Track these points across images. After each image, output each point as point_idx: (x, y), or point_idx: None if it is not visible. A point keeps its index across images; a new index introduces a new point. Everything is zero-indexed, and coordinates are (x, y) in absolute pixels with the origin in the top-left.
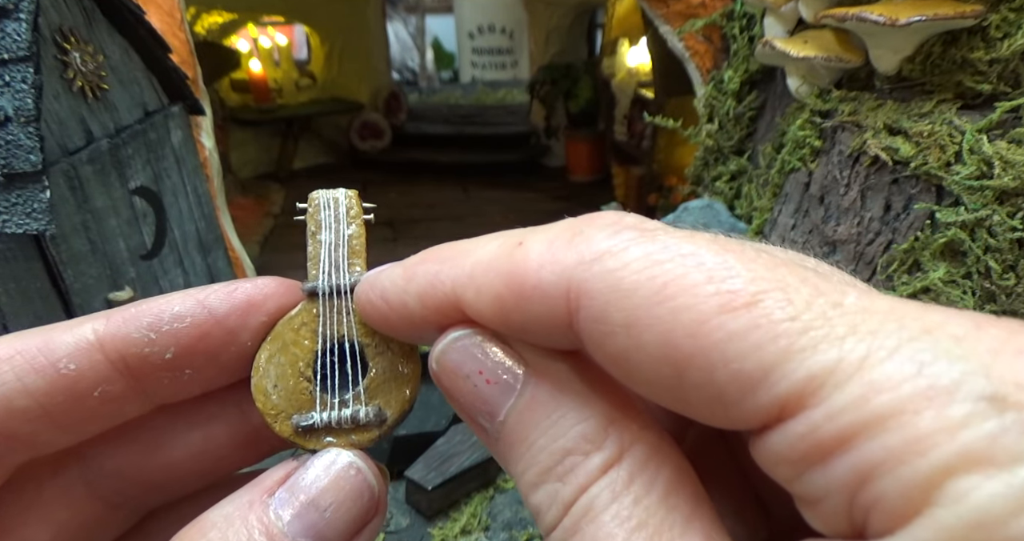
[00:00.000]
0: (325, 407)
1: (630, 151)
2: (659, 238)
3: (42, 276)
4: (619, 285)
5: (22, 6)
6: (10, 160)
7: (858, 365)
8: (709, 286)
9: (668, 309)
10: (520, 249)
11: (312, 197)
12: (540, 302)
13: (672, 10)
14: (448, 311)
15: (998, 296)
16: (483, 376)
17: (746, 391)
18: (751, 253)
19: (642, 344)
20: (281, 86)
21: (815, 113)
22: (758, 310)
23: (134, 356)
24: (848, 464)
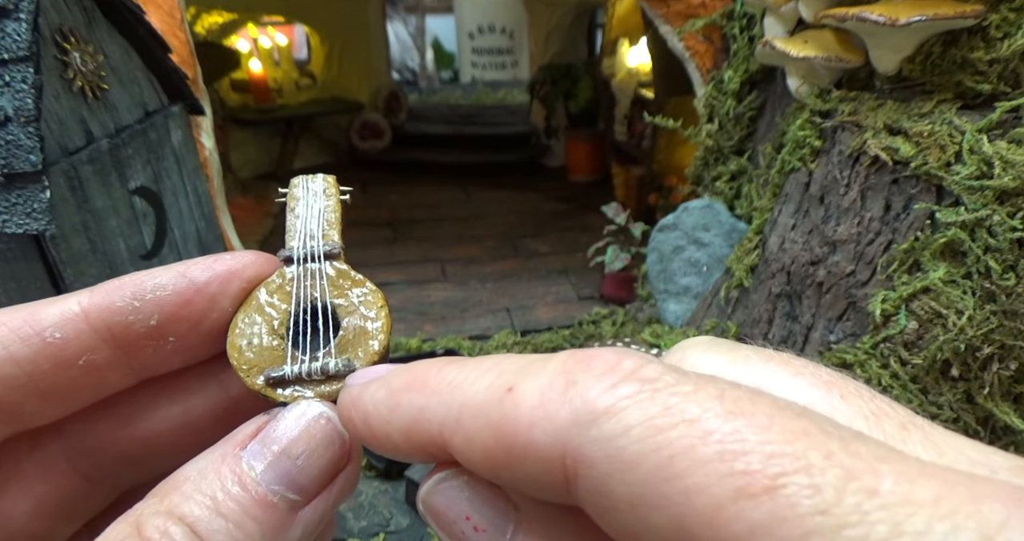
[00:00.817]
0: (296, 361)
1: (630, 151)
2: (660, 396)
3: (42, 276)
4: (620, 456)
5: (22, 6)
6: (10, 160)
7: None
8: (722, 465)
9: (678, 490)
10: (510, 398)
11: (292, 180)
12: (534, 463)
13: (672, 10)
14: (435, 451)
15: (998, 296)
16: (470, 522)
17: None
18: (764, 417)
19: (651, 526)
20: (281, 86)
21: (815, 113)
22: (781, 499)
23: (118, 324)
24: None
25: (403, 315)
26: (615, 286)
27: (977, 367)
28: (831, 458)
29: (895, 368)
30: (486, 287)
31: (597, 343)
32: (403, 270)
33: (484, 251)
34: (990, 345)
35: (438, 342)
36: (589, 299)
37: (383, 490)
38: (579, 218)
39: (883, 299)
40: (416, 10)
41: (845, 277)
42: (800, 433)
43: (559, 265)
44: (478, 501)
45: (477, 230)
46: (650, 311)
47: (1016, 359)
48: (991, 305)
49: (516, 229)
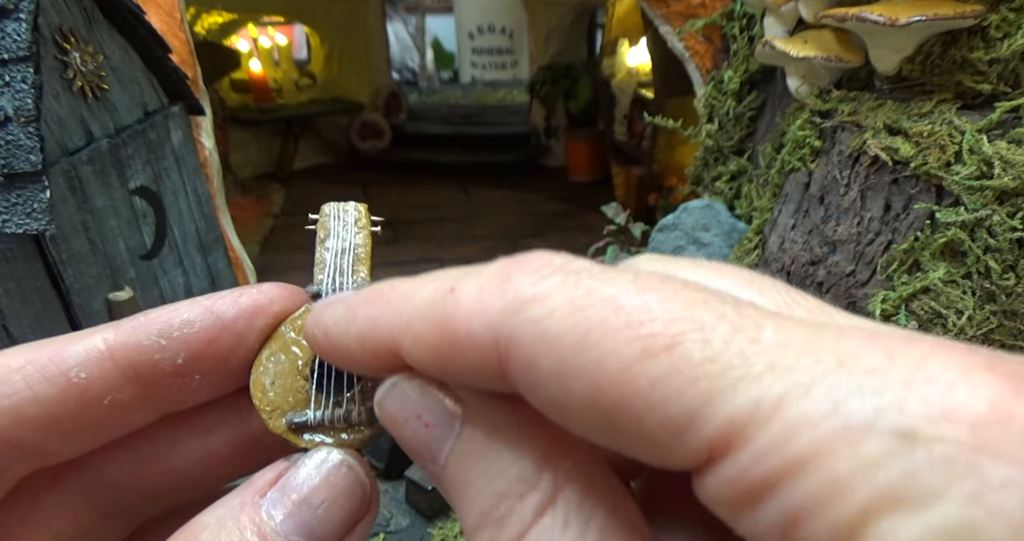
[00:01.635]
0: (319, 406)
1: (630, 151)
2: (583, 282)
3: (42, 276)
4: (544, 334)
5: (22, 6)
6: (10, 160)
7: (776, 404)
8: (628, 331)
9: (592, 358)
10: (452, 296)
11: (324, 208)
12: (472, 352)
13: (672, 10)
14: (388, 357)
15: (998, 296)
16: (421, 420)
17: (675, 436)
18: (670, 292)
19: (572, 392)
20: (281, 86)
21: (815, 113)
22: (677, 353)
23: (144, 363)
24: (776, 509)
25: None
26: None
27: None
28: (723, 318)
29: None
30: None
31: None
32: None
33: (484, 251)
34: (990, 345)
35: None
36: None
37: (383, 490)
38: (579, 218)
39: (883, 299)
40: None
41: (845, 277)
42: (700, 301)
43: None
44: (427, 400)
45: (477, 230)
46: None
47: None
48: (991, 305)
49: (516, 229)
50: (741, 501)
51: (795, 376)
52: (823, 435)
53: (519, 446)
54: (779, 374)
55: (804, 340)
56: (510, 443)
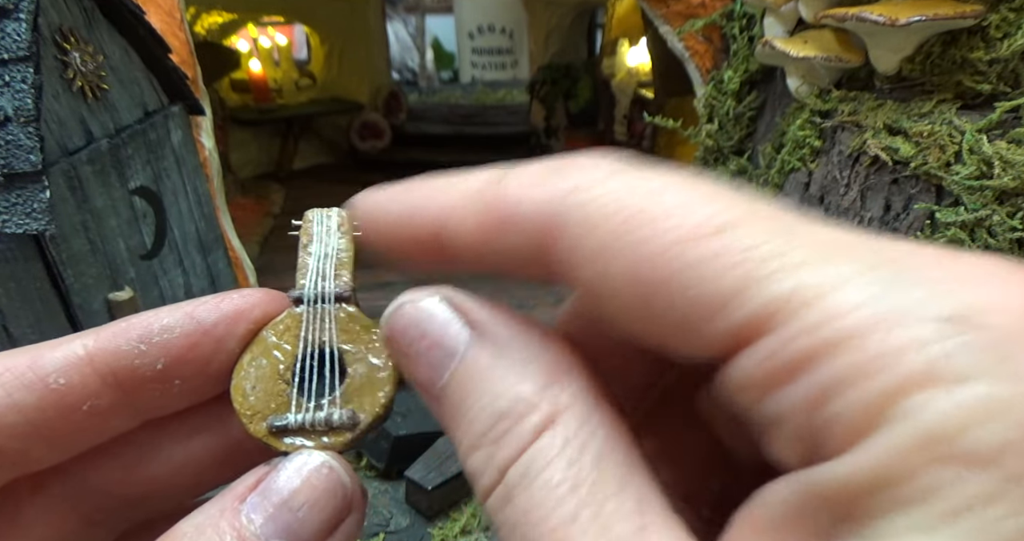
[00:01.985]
0: (300, 409)
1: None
2: (631, 173)
3: (42, 276)
4: (589, 218)
5: (22, 6)
6: (10, 160)
7: (816, 292)
8: (669, 219)
9: (632, 240)
10: (502, 182)
11: (307, 214)
12: (518, 231)
13: (672, 10)
14: (427, 239)
15: None
16: (427, 340)
17: (707, 318)
18: (715, 190)
19: (610, 274)
20: (281, 86)
21: (815, 113)
22: (718, 240)
23: (124, 368)
24: (807, 384)
25: None
26: None
27: None
28: (769, 217)
29: None
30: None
31: None
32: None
33: None
34: None
35: None
36: None
37: (383, 490)
38: None
39: None
40: (416, 10)
41: None
42: (745, 201)
43: None
44: (435, 319)
45: None
46: None
47: None
48: None
49: None
50: (769, 381)
51: (837, 268)
52: (865, 317)
53: (523, 368)
54: (819, 266)
55: (852, 240)
56: (514, 364)
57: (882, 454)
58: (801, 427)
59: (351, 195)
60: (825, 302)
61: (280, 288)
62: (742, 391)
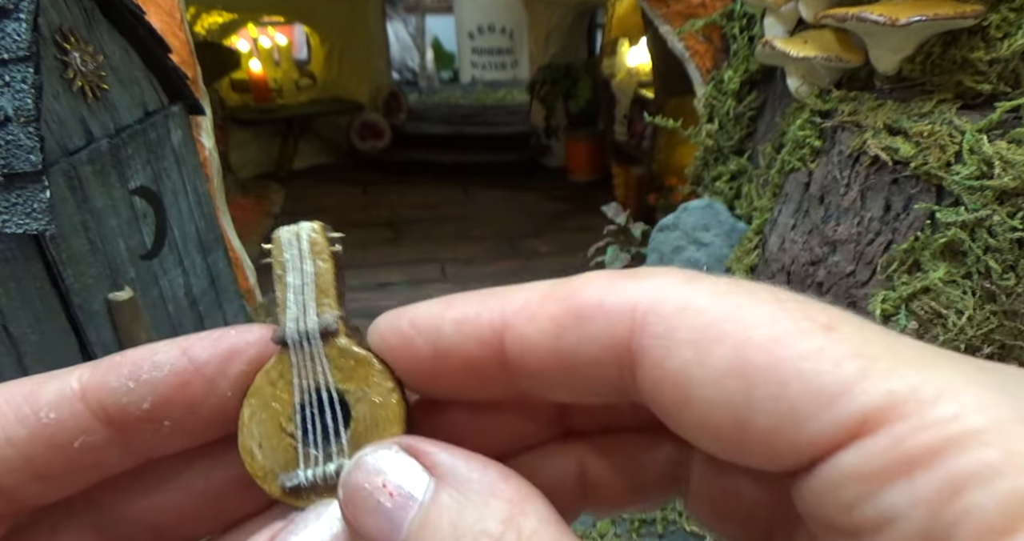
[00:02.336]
0: (309, 463)
1: (630, 151)
2: (713, 278)
3: (42, 276)
4: (690, 303)
5: (22, 6)
6: (10, 160)
7: (943, 389)
8: (783, 313)
9: (741, 326)
10: (572, 283)
11: (275, 236)
12: (601, 321)
13: (672, 10)
14: (488, 341)
15: (998, 296)
16: (386, 489)
17: (823, 405)
18: (800, 297)
19: (708, 359)
20: (281, 86)
21: (815, 113)
22: (835, 334)
23: (113, 405)
24: (937, 476)
25: None
26: None
27: None
28: (868, 325)
29: None
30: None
31: None
32: (403, 270)
33: (484, 251)
34: (990, 345)
35: None
36: None
37: None
38: (579, 218)
39: (883, 299)
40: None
41: (845, 277)
42: (828, 308)
43: (559, 265)
44: (398, 466)
45: (477, 230)
46: None
47: (1016, 359)
48: (991, 305)
49: (516, 229)
50: (889, 473)
51: (950, 373)
52: (1000, 416)
53: (486, 503)
54: (933, 368)
55: (941, 352)
56: (477, 502)
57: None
58: (922, 521)
59: (351, 195)
60: (958, 396)
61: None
62: (850, 485)
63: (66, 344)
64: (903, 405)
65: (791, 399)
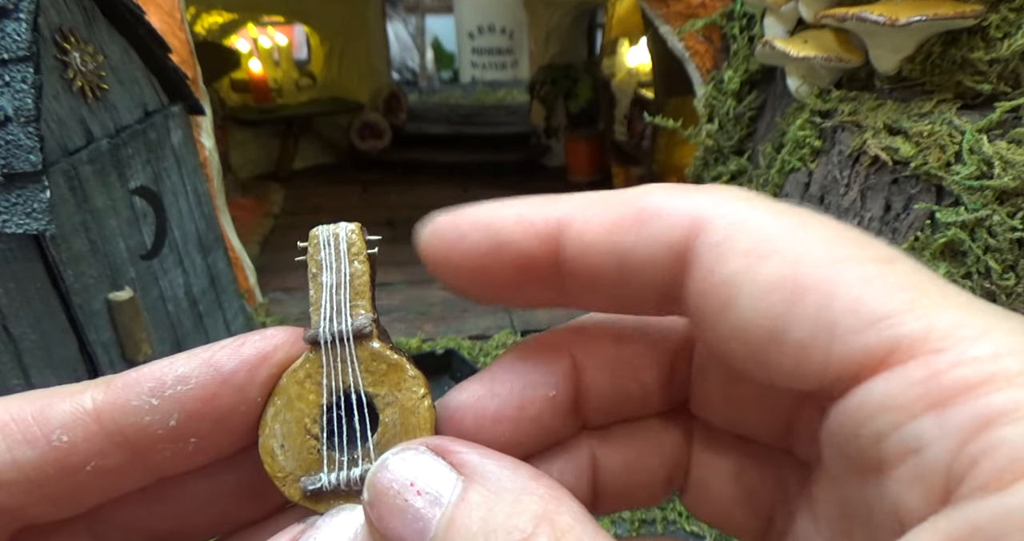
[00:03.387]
0: (333, 467)
1: (630, 151)
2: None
3: (42, 276)
4: (750, 216)
5: (22, 6)
6: (10, 160)
7: (983, 331)
8: (842, 240)
9: (797, 244)
10: (640, 188)
11: (312, 234)
12: (661, 223)
13: (672, 10)
14: (547, 236)
15: (998, 296)
16: (414, 488)
17: (863, 326)
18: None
19: (760, 270)
20: (281, 86)
21: (815, 113)
22: (889, 267)
23: (132, 426)
24: (969, 410)
25: (403, 315)
26: None
27: None
28: (921, 267)
29: None
30: None
31: None
32: (403, 270)
33: None
34: None
35: (438, 342)
36: None
37: None
38: None
39: None
40: (416, 10)
41: None
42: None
43: None
44: (426, 465)
45: None
46: None
47: None
48: None
49: None
50: (922, 404)
51: (993, 318)
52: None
53: (517, 500)
54: (977, 311)
55: (985, 304)
56: (508, 498)
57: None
58: (948, 454)
59: (351, 195)
60: (987, 341)
61: (280, 288)
62: (881, 412)
63: (66, 344)
64: (942, 339)
65: (832, 316)
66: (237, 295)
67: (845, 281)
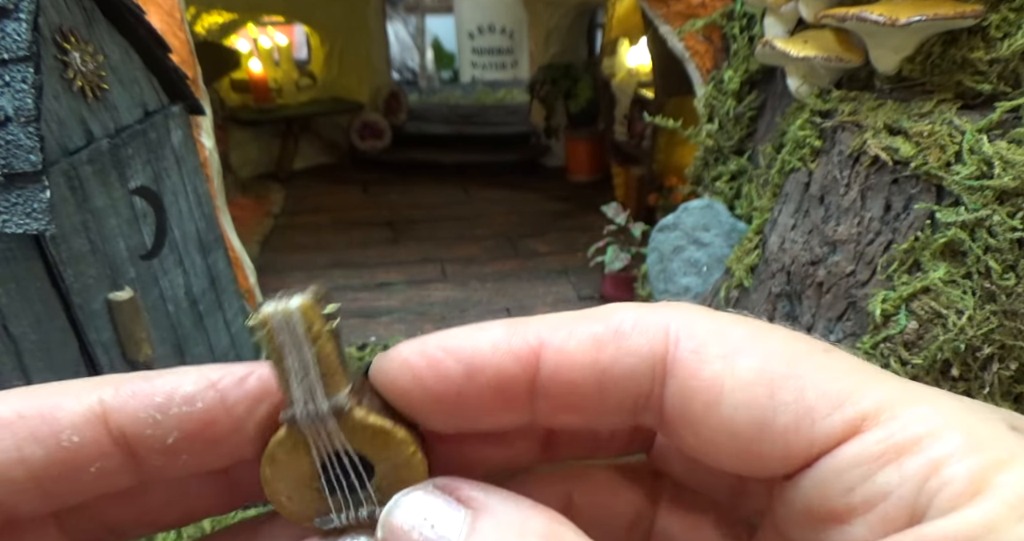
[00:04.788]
0: (341, 508)
1: (630, 151)
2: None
3: (42, 276)
4: (718, 325)
5: (22, 6)
6: (10, 160)
7: (914, 400)
8: (793, 338)
9: (762, 345)
10: (607, 307)
11: (263, 318)
12: (639, 337)
13: (672, 10)
14: (524, 357)
15: (998, 296)
16: (428, 521)
17: (834, 407)
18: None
19: (738, 369)
20: (281, 86)
21: (815, 113)
22: (834, 355)
23: (135, 436)
24: (921, 459)
25: (403, 315)
26: (615, 286)
27: (977, 367)
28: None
29: (895, 368)
30: (486, 287)
31: None
32: (403, 270)
33: (484, 251)
34: (990, 345)
35: None
36: (589, 299)
37: None
38: (579, 218)
39: (883, 299)
40: (416, 10)
41: (845, 277)
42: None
43: (559, 265)
44: (437, 501)
45: (477, 230)
46: None
47: (1016, 359)
48: (991, 305)
49: (516, 229)
50: (886, 457)
51: (917, 390)
52: (969, 423)
53: (523, 525)
54: (903, 385)
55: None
56: (515, 524)
57: (990, 511)
58: (911, 494)
59: (351, 195)
60: (924, 405)
61: (281, 287)
62: (853, 470)
63: (66, 344)
64: (889, 410)
65: (808, 402)
66: (237, 295)
67: (807, 371)
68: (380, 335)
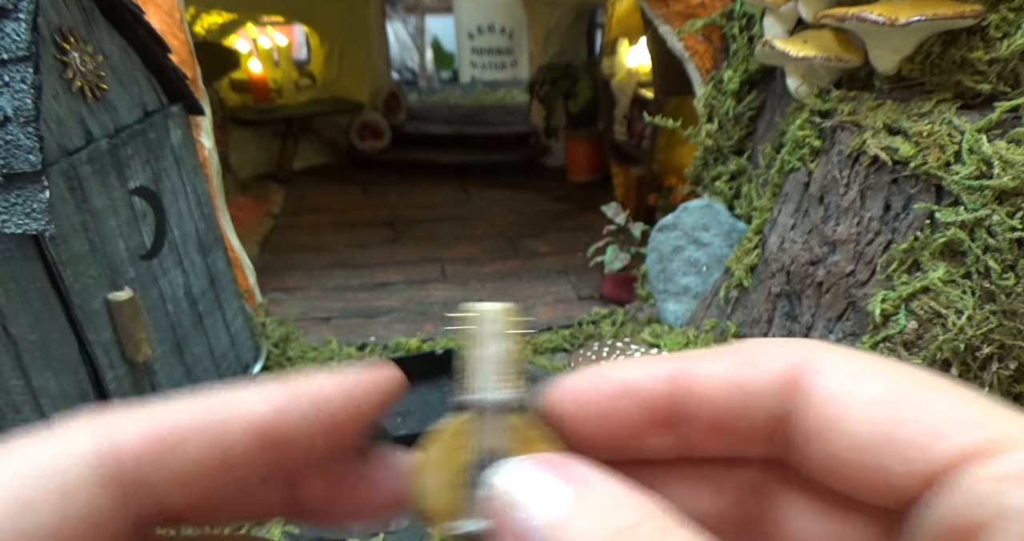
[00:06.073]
0: (475, 514)
1: (630, 151)
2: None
3: (41, 276)
4: (842, 356)
5: (21, 6)
6: (10, 160)
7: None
8: (913, 371)
9: (884, 373)
10: (743, 342)
11: (475, 311)
12: (771, 361)
13: (672, 10)
14: (675, 379)
15: (997, 296)
16: (530, 493)
17: (962, 429)
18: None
19: (863, 390)
20: (281, 86)
21: (815, 113)
22: (955, 389)
23: (278, 453)
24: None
25: (403, 315)
26: (615, 286)
27: (977, 367)
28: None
29: None
30: (486, 287)
31: (597, 343)
32: (403, 270)
33: (484, 251)
34: (989, 345)
35: (438, 342)
36: (589, 299)
37: None
38: (579, 218)
39: (883, 299)
40: (416, 10)
41: (845, 277)
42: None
43: (559, 265)
44: (540, 473)
45: (477, 230)
46: (650, 311)
47: (1015, 359)
48: (990, 305)
49: (516, 229)
50: (1010, 482)
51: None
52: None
53: (621, 502)
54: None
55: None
56: (613, 500)
57: None
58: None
59: (351, 195)
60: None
61: (280, 288)
62: (988, 485)
63: (66, 344)
64: (1008, 439)
65: (934, 420)
66: (237, 295)
67: (931, 398)
68: (380, 335)
